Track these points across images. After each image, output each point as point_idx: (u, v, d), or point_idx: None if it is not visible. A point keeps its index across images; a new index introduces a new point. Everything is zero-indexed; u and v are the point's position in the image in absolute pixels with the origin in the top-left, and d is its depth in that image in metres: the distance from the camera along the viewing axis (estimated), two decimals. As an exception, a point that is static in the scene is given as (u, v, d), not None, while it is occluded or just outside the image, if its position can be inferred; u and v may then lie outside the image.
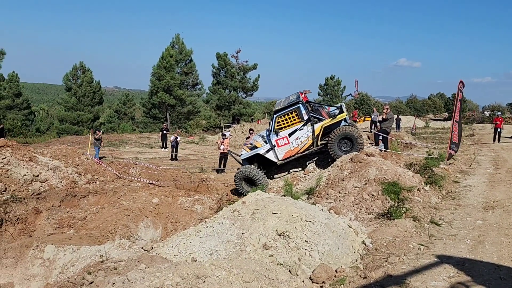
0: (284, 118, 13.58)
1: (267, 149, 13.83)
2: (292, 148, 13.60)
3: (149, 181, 18.38)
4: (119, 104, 68.52)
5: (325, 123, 13.37)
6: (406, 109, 73.15)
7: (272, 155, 13.80)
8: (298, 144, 13.53)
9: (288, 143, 13.57)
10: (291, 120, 13.52)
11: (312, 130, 13.33)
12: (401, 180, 10.62)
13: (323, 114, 14.14)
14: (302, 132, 13.42)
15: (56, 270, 10.10)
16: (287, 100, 14.11)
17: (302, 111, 13.32)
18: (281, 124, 13.62)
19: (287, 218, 8.24)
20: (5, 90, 51.46)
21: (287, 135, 13.52)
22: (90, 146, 22.47)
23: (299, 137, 13.47)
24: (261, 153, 13.88)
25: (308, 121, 13.34)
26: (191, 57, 48.06)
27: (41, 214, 13.92)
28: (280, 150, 13.68)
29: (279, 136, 13.58)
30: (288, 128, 13.55)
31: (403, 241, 7.72)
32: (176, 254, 8.11)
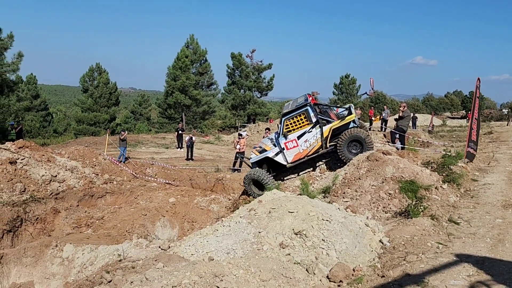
0: (292, 121, 13.52)
1: (276, 152, 13.80)
2: (301, 150, 13.54)
3: (165, 180, 18.50)
4: (135, 105, 69.14)
5: (334, 125, 13.31)
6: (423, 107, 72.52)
7: (282, 158, 13.75)
8: (307, 147, 13.46)
9: (297, 146, 13.51)
10: (300, 122, 13.46)
11: (321, 132, 13.25)
12: (419, 179, 10.52)
13: (331, 115, 14.07)
14: (310, 134, 13.36)
15: (75, 269, 10.21)
16: (295, 102, 14.09)
17: (310, 114, 13.26)
18: (289, 126, 13.56)
19: (304, 217, 8.22)
20: (23, 92, 52.20)
21: (296, 137, 13.47)
22: (107, 146, 22.66)
23: (308, 140, 13.40)
24: (270, 156, 13.85)
25: (317, 123, 13.28)
26: (205, 57, 48.25)
27: (59, 214, 14.09)
28: (289, 153, 13.63)
29: (288, 139, 13.53)
30: (297, 131, 13.49)
31: (421, 240, 7.63)
32: (193, 253, 8.14)
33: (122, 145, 21.42)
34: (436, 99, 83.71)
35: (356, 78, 65.97)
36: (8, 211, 12.26)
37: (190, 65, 45.71)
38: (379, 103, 66.04)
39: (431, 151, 16.94)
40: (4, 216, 11.98)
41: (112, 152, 23.04)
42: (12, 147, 15.32)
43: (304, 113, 13.31)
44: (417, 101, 79.89)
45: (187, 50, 46.20)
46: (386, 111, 29.39)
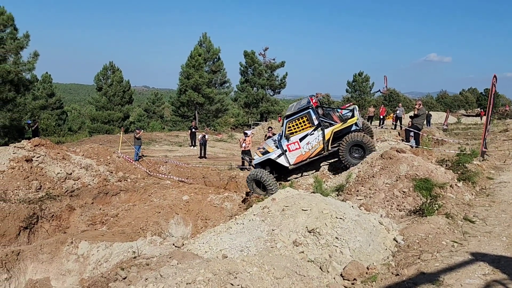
0: (295, 123, 13.56)
1: (278, 154, 13.83)
2: (303, 152, 13.56)
3: (179, 178, 18.60)
4: (148, 103, 69.53)
5: (335, 128, 13.31)
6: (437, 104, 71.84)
7: (284, 160, 13.79)
8: (309, 149, 13.49)
9: (299, 148, 13.54)
10: (302, 125, 13.49)
11: (323, 135, 13.27)
12: (433, 177, 10.44)
13: (334, 118, 14.08)
14: (313, 137, 13.38)
15: (90, 266, 10.32)
16: (298, 105, 14.11)
17: (312, 116, 13.29)
18: (292, 129, 13.60)
19: (317, 214, 8.21)
20: (39, 91, 52.74)
21: (298, 140, 13.49)
22: (121, 144, 22.82)
23: (310, 142, 13.42)
24: (272, 158, 13.89)
25: (319, 126, 13.30)
26: (218, 55, 48.30)
27: (74, 211, 14.24)
28: (292, 155, 13.67)
29: (290, 141, 13.56)
30: (299, 133, 13.52)
31: (436, 238, 7.57)
32: (207, 250, 8.18)
33: (137, 143, 21.54)
34: (450, 97, 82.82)
35: (369, 76, 65.68)
36: (24, 208, 12.42)
37: (203, 63, 45.79)
38: (392, 101, 65.59)
39: (446, 149, 16.79)
40: (20, 213, 12.13)
41: (126, 150, 23.21)
42: (28, 145, 15.49)
43: (306, 116, 13.35)
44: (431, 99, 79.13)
45: (200, 48, 46.28)
46: (401, 109, 29.18)
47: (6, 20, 27.22)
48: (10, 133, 29.37)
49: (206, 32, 48.12)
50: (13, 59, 26.76)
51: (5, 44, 23.81)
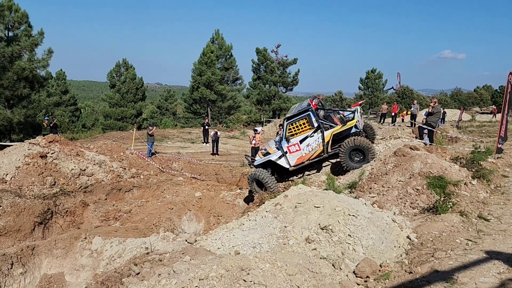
0: (295, 125, 13.70)
1: (279, 156, 13.99)
2: (304, 154, 13.69)
3: (191, 175, 18.66)
4: (161, 100, 69.77)
5: (335, 130, 13.39)
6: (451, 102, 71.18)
7: (284, 161, 13.94)
8: (309, 151, 13.61)
9: (299, 150, 13.68)
10: (302, 127, 13.63)
11: (322, 137, 13.37)
12: (447, 174, 10.36)
13: (334, 120, 14.12)
14: (312, 139, 13.51)
15: (103, 261, 10.41)
16: (298, 107, 14.21)
17: (312, 118, 13.41)
18: (292, 131, 13.75)
19: (330, 211, 8.19)
20: (53, 88, 53.20)
21: (298, 141, 13.63)
22: (134, 141, 22.94)
23: (310, 144, 13.55)
24: (273, 160, 14.03)
25: (318, 128, 13.40)
26: (231, 52, 48.31)
27: (88, 207, 14.35)
28: (292, 157, 13.80)
29: (291, 143, 13.70)
30: (299, 135, 13.65)
31: (450, 236, 7.52)
32: (220, 246, 8.20)
33: (150, 140, 21.63)
34: (464, 94, 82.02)
35: (382, 73, 65.24)
36: (39, 203, 12.54)
37: (215, 60, 45.84)
38: (405, 98, 65.13)
39: (460, 146, 16.65)
40: (35, 208, 12.26)
41: (139, 146, 23.34)
42: (42, 141, 15.64)
43: (306, 118, 13.47)
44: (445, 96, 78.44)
45: (212, 45, 46.33)
46: (416, 106, 28.94)
47: (21, 18, 27.47)
48: (25, 130, 29.66)
49: (219, 29, 48.18)
50: (28, 56, 27.00)
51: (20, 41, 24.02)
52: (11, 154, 14.49)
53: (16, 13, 27.22)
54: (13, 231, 11.49)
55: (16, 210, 11.82)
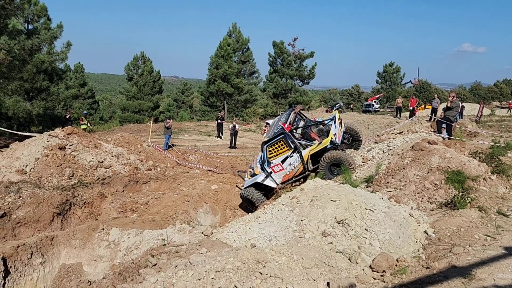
0: (274, 147, 13.83)
1: (265, 176, 14.05)
2: (288, 172, 13.79)
3: (208, 168, 18.73)
4: (178, 93, 70.10)
5: (312, 149, 13.42)
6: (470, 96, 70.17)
7: (270, 181, 14.01)
8: (292, 169, 13.72)
9: (283, 169, 13.79)
10: (281, 148, 13.74)
11: (301, 157, 13.46)
12: (466, 169, 10.24)
13: (312, 135, 14.15)
14: (292, 158, 13.61)
15: (120, 252, 10.50)
16: (273, 130, 14.24)
17: (288, 140, 13.49)
18: (272, 152, 13.87)
19: (346, 205, 8.16)
20: (71, 80, 53.71)
21: (280, 162, 13.74)
22: (151, 134, 23.09)
23: (292, 163, 13.65)
24: (259, 181, 14.08)
25: (296, 148, 13.49)
26: (248, 45, 48.24)
27: (106, 199, 14.50)
28: (277, 176, 13.91)
29: (273, 164, 13.83)
30: (280, 156, 13.75)
31: (468, 232, 7.44)
32: (236, 239, 8.24)
33: (167, 133, 21.74)
34: (484, 88, 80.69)
35: (400, 67, 64.67)
36: (58, 195, 12.70)
37: (232, 54, 45.83)
38: (423, 92, 64.44)
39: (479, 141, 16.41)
40: (54, 199, 12.42)
41: (155, 139, 23.50)
42: (61, 133, 15.81)
43: (282, 140, 13.57)
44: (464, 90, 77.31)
45: (229, 38, 46.31)
46: (436, 99, 28.59)
47: (40, 11, 27.76)
48: (44, 122, 30.06)
49: (236, 22, 48.15)
50: (47, 49, 27.27)
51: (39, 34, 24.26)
52: (30, 145, 14.67)
53: (35, 6, 27.52)
54: (33, 221, 11.66)
55: (35, 201, 11.99)
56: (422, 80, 67.12)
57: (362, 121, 29.40)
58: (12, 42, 16.56)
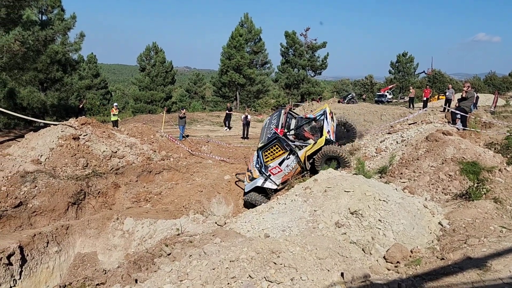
0: (269, 152, 13.97)
1: (264, 180, 14.08)
2: (287, 173, 13.86)
3: (220, 158, 18.77)
4: (190, 84, 70.14)
5: (307, 149, 13.53)
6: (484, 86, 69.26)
7: (270, 184, 14.06)
8: (291, 169, 13.79)
9: (281, 171, 13.87)
10: (276, 151, 13.86)
11: (298, 158, 13.56)
12: (481, 160, 10.14)
13: (306, 135, 14.27)
14: (289, 160, 13.70)
15: (134, 242, 10.62)
16: (266, 135, 14.35)
17: (282, 144, 13.64)
18: (269, 156, 14.00)
19: (360, 196, 8.14)
20: (84, 71, 53.95)
21: (277, 164, 13.81)
22: (164, 124, 23.16)
23: (289, 164, 13.74)
24: (259, 185, 14.08)
25: (291, 151, 13.60)
26: (260, 36, 48.00)
27: (119, 189, 14.61)
28: (277, 177, 13.97)
29: (271, 167, 13.89)
30: (277, 159, 13.84)
31: (483, 223, 7.38)
32: (249, 229, 8.27)
33: (181, 123, 21.79)
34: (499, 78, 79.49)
35: (414, 57, 64.01)
36: (72, 184, 12.81)
37: (244, 44, 45.65)
38: (437, 83, 63.78)
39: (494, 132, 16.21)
40: (69, 189, 12.53)
41: (168, 129, 23.58)
42: (75, 123, 15.91)
43: (277, 144, 13.73)
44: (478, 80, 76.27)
45: (241, 29, 46.09)
46: (451, 90, 28.23)
47: (54, 1, 27.83)
48: (58, 112, 30.26)
49: (248, 13, 47.87)
50: (61, 39, 27.39)
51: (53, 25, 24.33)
52: (45, 136, 14.79)
53: (49, -3, 27.62)
54: (48, 210, 11.79)
55: (50, 191, 12.11)
56: (435, 70, 66.40)
57: (375, 112, 29.17)
58: (26, 33, 16.64)
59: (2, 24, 17.10)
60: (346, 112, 26.76)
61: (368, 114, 28.22)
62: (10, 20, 17.14)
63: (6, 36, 16.01)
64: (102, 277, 8.51)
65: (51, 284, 9.56)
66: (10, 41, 15.84)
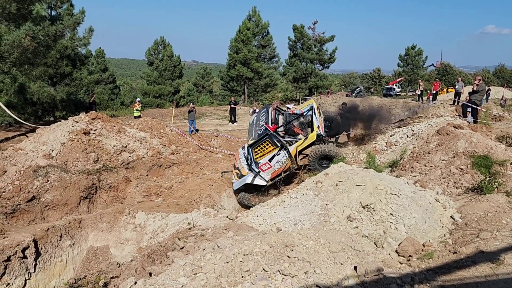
0: (259, 148, 13.92)
1: (253, 176, 14.06)
2: (276, 169, 13.86)
3: (230, 152, 18.83)
4: (198, 78, 70.16)
5: (298, 145, 13.56)
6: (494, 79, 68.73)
7: (259, 180, 14.04)
8: (280, 166, 13.79)
9: (271, 167, 13.85)
10: (266, 148, 13.83)
11: (288, 153, 13.54)
12: (493, 154, 10.11)
13: (295, 130, 14.19)
14: (280, 156, 13.67)
15: (147, 235, 10.70)
16: (256, 131, 14.33)
17: (273, 140, 13.59)
18: (258, 153, 13.96)
19: (372, 190, 8.16)
20: (93, 66, 54.11)
21: (267, 161, 13.78)
22: (173, 118, 23.23)
23: (279, 160, 13.71)
24: (248, 182, 14.05)
25: (282, 147, 13.56)
26: (267, 29, 47.84)
27: (130, 183, 14.71)
28: (266, 173, 13.96)
29: (261, 163, 13.86)
30: (267, 155, 13.81)
31: (496, 217, 7.38)
32: (261, 223, 8.31)
33: (190, 117, 21.86)
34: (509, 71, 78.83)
35: (422, 49, 63.56)
36: (84, 179, 12.92)
37: (252, 38, 45.53)
38: (446, 75, 63.38)
39: (504, 125, 16.14)
40: (80, 183, 12.64)
41: (177, 124, 23.65)
42: (85, 118, 16.02)
43: (268, 140, 13.67)
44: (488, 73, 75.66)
45: (249, 22, 45.97)
46: (460, 83, 28.08)
47: (63, -4, 27.96)
48: (68, 107, 30.43)
49: (256, 6, 47.71)
50: (70, 34, 27.48)
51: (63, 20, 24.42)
52: (56, 130, 14.89)
53: (58, -8, 27.69)
54: (60, 204, 11.90)
55: (63, 185, 12.22)
56: (445, 63, 65.98)
57: (384, 105, 29.10)
58: (36, 28, 16.72)
59: (13, 20, 17.20)
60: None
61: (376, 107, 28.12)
62: (20, 15, 17.24)
63: (17, 32, 16.10)
64: (116, 270, 8.58)
65: (65, 277, 9.65)
66: (21, 36, 15.94)
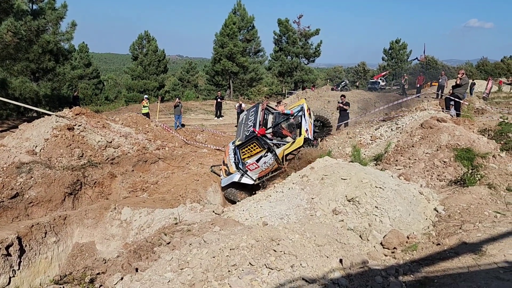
0: (247, 149, 13.92)
1: (240, 175, 14.08)
2: (264, 169, 13.91)
3: (215, 147, 18.81)
4: (183, 72, 69.79)
5: (286, 148, 13.47)
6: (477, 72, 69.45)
7: (247, 179, 14.06)
8: (268, 166, 13.83)
9: (258, 167, 13.89)
10: (254, 149, 13.84)
11: (275, 156, 13.53)
12: (475, 146, 10.26)
13: (284, 132, 14.27)
14: (267, 157, 13.70)
15: (132, 231, 10.66)
16: (244, 132, 14.34)
17: (260, 142, 13.60)
18: (246, 153, 13.98)
19: (357, 184, 8.23)
20: (76, 61, 53.50)
21: (255, 161, 13.82)
22: (158, 113, 23.12)
23: (266, 161, 13.74)
24: (236, 181, 14.08)
25: (269, 149, 13.58)
26: (253, 23, 47.79)
27: (116, 178, 14.62)
28: (253, 173, 14.00)
29: (248, 163, 13.90)
30: (254, 156, 13.86)
31: (478, 209, 7.50)
32: (247, 217, 8.33)
33: (176, 112, 21.77)
34: (491, 64, 79.75)
35: (407, 43, 64.07)
36: (68, 175, 12.80)
37: (237, 32, 45.46)
38: (430, 69, 63.91)
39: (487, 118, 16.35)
40: (65, 179, 12.52)
41: (163, 118, 23.55)
42: (69, 114, 15.85)
43: (255, 142, 13.69)
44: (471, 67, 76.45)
45: (234, 16, 45.87)
46: (444, 77, 28.32)
47: (44, -10, 27.58)
48: (51, 102, 30.12)
49: (240, 0, 47.59)
50: (52, 29, 27.14)
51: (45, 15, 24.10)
52: (39, 126, 14.71)
53: (39, -14, 27.34)
54: (45, 201, 11.79)
55: (47, 181, 12.10)
56: (428, 57, 66.52)
57: (369, 99, 29.28)
58: (18, 24, 16.52)
59: (-6, 14, 16.97)
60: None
61: (362, 101, 28.31)
62: (2, 10, 16.99)
63: (-2, 27, 15.91)
64: (102, 267, 8.56)
65: (51, 274, 9.59)
66: (3, 32, 15.73)
